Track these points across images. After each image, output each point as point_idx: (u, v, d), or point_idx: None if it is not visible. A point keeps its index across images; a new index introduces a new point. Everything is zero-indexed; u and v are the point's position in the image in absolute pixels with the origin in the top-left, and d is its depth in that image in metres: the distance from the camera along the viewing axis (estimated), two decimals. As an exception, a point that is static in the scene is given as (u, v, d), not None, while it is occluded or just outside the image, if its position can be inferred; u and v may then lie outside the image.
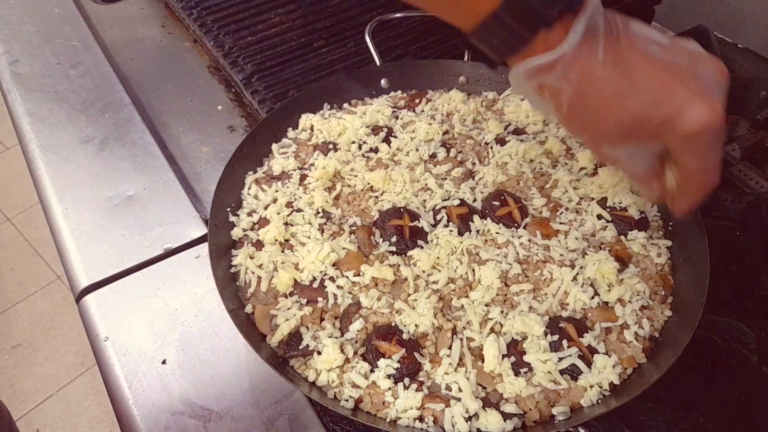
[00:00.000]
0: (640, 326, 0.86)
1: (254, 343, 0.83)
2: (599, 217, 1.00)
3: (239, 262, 0.96)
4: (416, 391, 0.80)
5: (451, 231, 0.97)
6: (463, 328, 0.87)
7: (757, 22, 1.59)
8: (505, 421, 0.77)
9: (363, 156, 1.14)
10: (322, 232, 0.98)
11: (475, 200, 1.03)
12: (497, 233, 0.97)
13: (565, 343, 0.83)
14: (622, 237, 0.99)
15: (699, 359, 0.88)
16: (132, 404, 0.87)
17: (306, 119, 1.19)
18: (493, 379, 0.82)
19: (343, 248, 0.95)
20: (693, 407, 0.87)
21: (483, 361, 0.83)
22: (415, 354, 0.84)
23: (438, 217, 1.00)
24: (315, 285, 0.92)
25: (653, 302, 0.90)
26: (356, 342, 0.85)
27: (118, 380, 0.90)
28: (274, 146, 1.15)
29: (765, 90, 1.37)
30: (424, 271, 0.93)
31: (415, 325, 0.86)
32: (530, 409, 0.79)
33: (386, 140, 1.15)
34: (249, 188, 1.07)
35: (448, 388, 0.81)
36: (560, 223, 1.00)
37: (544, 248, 0.96)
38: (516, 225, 0.99)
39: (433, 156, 1.13)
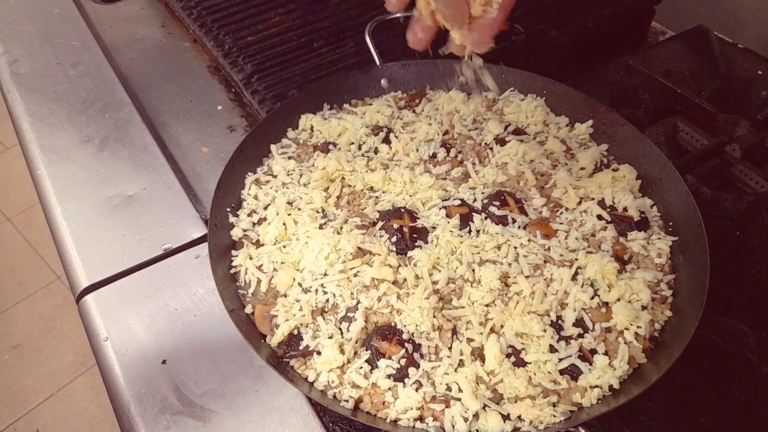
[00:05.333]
0: (640, 326, 0.86)
1: (254, 343, 0.83)
2: (599, 217, 1.00)
3: (239, 263, 0.96)
4: (416, 391, 0.80)
5: (452, 230, 0.97)
6: (465, 328, 0.87)
7: (757, 22, 1.59)
8: (504, 421, 0.77)
9: (363, 156, 1.14)
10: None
11: (475, 200, 1.03)
12: (497, 233, 0.97)
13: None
14: (622, 237, 0.99)
15: (699, 359, 0.88)
16: (132, 404, 0.87)
17: (306, 119, 1.19)
18: (493, 380, 0.82)
19: (343, 248, 0.95)
20: (693, 407, 0.87)
21: (483, 362, 0.83)
22: (415, 354, 0.84)
23: (438, 216, 1.00)
24: (315, 286, 0.91)
25: (653, 302, 0.90)
26: (356, 342, 0.85)
27: (118, 380, 0.90)
28: (273, 147, 1.15)
29: (765, 90, 1.37)
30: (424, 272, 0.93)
31: (415, 325, 0.86)
32: (530, 409, 0.79)
33: (386, 140, 1.15)
34: (249, 188, 1.07)
35: (448, 388, 0.81)
36: (560, 224, 1.00)
37: (544, 248, 0.96)
38: (516, 225, 0.99)
39: (433, 156, 1.13)
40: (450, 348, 0.85)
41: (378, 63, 1.26)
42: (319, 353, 0.84)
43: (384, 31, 1.47)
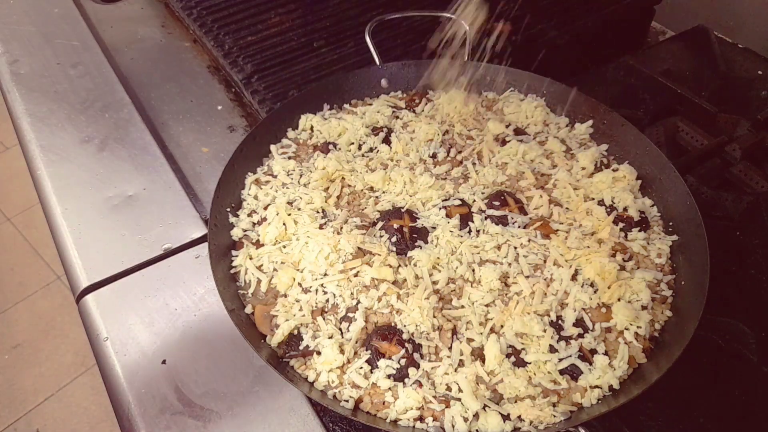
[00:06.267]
0: (640, 326, 0.86)
1: (254, 343, 0.83)
2: (599, 217, 1.00)
3: (239, 264, 0.96)
4: (416, 391, 0.80)
5: (452, 230, 0.97)
6: (465, 328, 0.87)
7: (757, 22, 1.59)
8: (504, 421, 0.77)
9: (363, 156, 1.14)
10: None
11: (475, 200, 1.03)
12: (497, 233, 0.97)
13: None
14: (622, 237, 0.99)
15: (699, 359, 0.88)
16: (132, 404, 0.87)
17: (306, 120, 1.18)
18: (493, 380, 0.82)
19: (343, 248, 0.95)
20: (693, 407, 0.87)
21: (483, 362, 0.83)
22: (415, 354, 0.84)
23: (438, 216, 1.00)
24: (315, 286, 0.91)
25: (653, 302, 0.90)
26: (356, 342, 0.85)
27: (118, 380, 0.90)
28: (273, 147, 1.15)
29: (765, 90, 1.37)
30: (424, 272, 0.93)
31: (415, 325, 0.86)
32: (530, 410, 0.79)
33: (386, 140, 1.15)
34: (249, 188, 1.07)
35: (448, 388, 0.81)
36: (560, 224, 1.00)
37: (544, 248, 0.96)
38: (516, 225, 0.99)
39: (433, 156, 1.13)
40: (450, 348, 0.84)
41: (378, 63, 1.26)
42: (319, 353, 0.84)
43: (384, 31, 1.47)
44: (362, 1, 1.59)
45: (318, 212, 1.02)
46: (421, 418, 0.79)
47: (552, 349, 0.83)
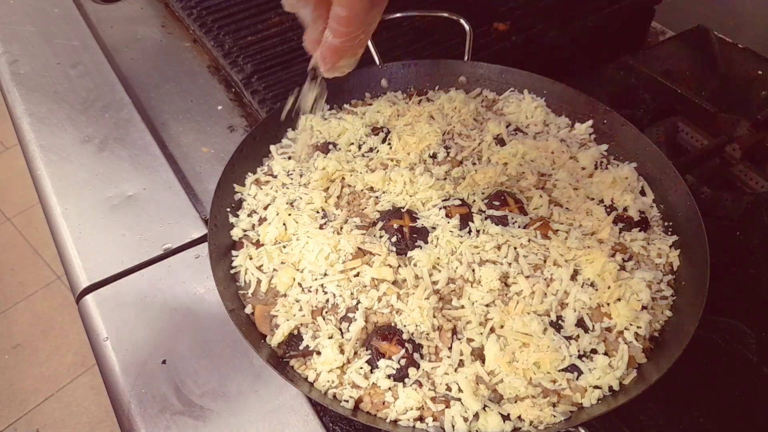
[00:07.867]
0: (640, 326, 0.86)
1: (254, 344, 0.83)
2: (599, 218, 1.00)
3: (239, 264, 0.96)
4: (416, 391, 0.80)
5: (452, 230, 0.97)
6: (464, 328, 0.87)
7: (757, 22, 1.60)
8: (504, 421, 0.77)
9: (363, 156, 1.14)
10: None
11: (475, 200, 1.03)
12: (497, 234, 0.97)
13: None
14: (622, 237, 0.99)
15: (699, 359, 0.88)
16: (132, 404, 0.87)
17: (306, 120, 1.18)
18: (493, 380, 0.82)
19: (343, 248, 0.95)
20: (693, 407, 0.87)
21: (483, 362, 0.83)
22: (415, 354, 0.84)
23: (438, 216, 1.00)
24: (315, 286, 0.91)
25: (653, 302, 0.90)
26: (356, 342, 0.85)
27: (118, 380, 0.90)
28: (273, 147, 1.15)
29: (765, 90, 1.37)
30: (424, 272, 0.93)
31: (415, 325, 0.86)
32: (530, 410, 0.79)
33: (386, 140, 1.15)
34: (249, 188, 1.07)
35: (448, 388, 0.81)
36: (560, 224, 1.00)
37: (544, 248, 0.96)
38: (516, 225, 0.99)
39: (433, 156, 1.13)
40: (450, 348, 0.84)
41: (378, 63, 1.26)
42: (319, 353, 0.84)
43: (384, 31, 1.47)
44: (362, 1, 1.59)
45: (318, 212, 1.02)
46: (421, 418, 0.79)
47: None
